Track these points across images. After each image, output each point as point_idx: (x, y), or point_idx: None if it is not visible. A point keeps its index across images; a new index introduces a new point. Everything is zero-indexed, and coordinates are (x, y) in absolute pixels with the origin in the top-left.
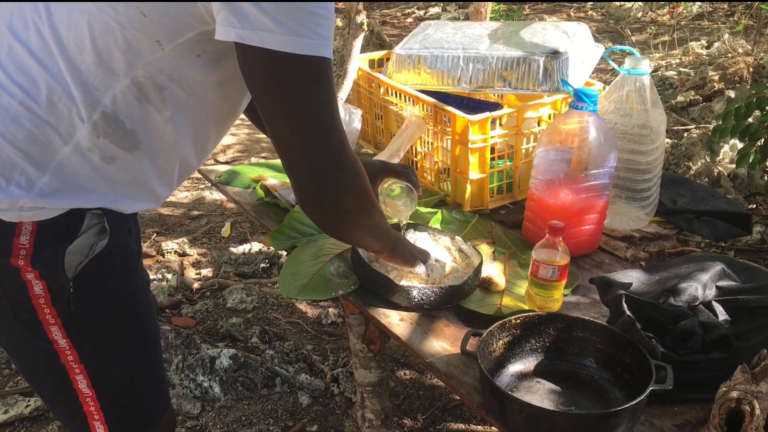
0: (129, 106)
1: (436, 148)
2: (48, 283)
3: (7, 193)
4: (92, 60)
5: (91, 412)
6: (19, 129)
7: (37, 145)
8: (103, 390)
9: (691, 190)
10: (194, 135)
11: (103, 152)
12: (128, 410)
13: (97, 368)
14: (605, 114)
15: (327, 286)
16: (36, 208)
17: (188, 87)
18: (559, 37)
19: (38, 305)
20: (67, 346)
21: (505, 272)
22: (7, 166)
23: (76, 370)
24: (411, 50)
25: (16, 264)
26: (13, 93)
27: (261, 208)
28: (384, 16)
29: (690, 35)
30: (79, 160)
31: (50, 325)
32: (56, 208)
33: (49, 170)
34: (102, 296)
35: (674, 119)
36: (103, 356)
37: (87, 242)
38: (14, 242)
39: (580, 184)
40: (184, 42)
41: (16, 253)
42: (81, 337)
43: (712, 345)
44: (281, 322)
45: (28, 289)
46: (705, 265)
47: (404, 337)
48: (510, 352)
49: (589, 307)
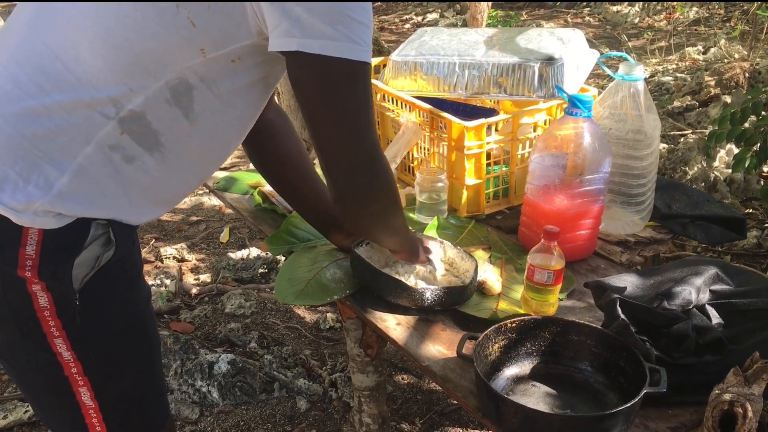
0: (158, 107)
1: (433, 154)
2: (54, 296)
3: (25, 193)
4: (130, 61)
5: (93, 424)
6: (40, 129)
7: (59, 146)
8: (106, 402)
9: (685, 195)
10: (215, 140)
11: (124, 150)
12: (130, 422)
13: (100, 380)
14: (600, 120)
15: (323, 291)
16: (50, 214)
17: (217, 89)
18: (554, 43)
19: (43, 317)
20: (71, 358)
21: (501, 277)
22: (28, 166)
23: (79, 382)
24: (407, 57)
25: (23, 275)
26: (33, 94)
27: (258, 214)
28: (382, 22)
29: (686, 41)
30: (100, 159)
31: (55, 337)
32: (69, 215)
33: (68, 171)
34: (107, 308)
35: (671, 124)
36: (107, 368)
37: (93, 254)
38: (20, 253)
39: (576, 189)
40: (226, 51)
41: (23, 264)
42: (86, 349)
43: (706, 348)
44: (279, 327)
45: (33, 302)
46: (699, 269)
47: (401, 341)
48: (506, 356)
49: (585, 311)
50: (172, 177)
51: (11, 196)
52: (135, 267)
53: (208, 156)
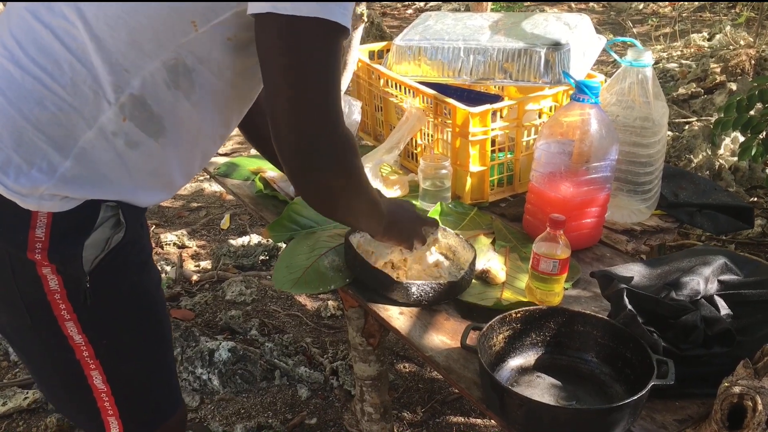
0: (157, 91)
1: (437, 141)
2: (64, 278)
3: (29, 178)
4: (124, 40)
5: (105, 408)
6: (43, 112)
7: (61, 129)
8: (117, 385)
9: (692, 183)
10: (217, 121)
11: (127, 136)
12: (142, 405)
13: (112, 364)
14: (607, 106)
15: (320, 279)
16: (56, 197)
17: (217, 70)
18: (560, 28)
19: (53, 300)
20: (82, 341)
21: (505, 265)
22: (30, 150)
23: (91, 365)
24: (411, 41)
25: (33, 258)
26: (36, 75)
27: (260, 200)
28: (384, 7)
29: (692, 27)
30: (102, 144)
31: (65, 320)
32: (75, 198)
33: (71, 155)
34: (117, 291)
35: (676, 112)
36: (119, 351)
37: (103, 236)
38: (30, 235)
39: (582, 177)
40: (218, 24)
41: (32, 246)
42: (97, 332)
43: (714, 340)
44: (280, 314)
45: (43, 285)
46: (707, 259)
47: (404, 330)
48: (510, 346)
49: (590, 301)
50: (177, 160)
51: (15, 180)
52: (145, 250)
53: (211, 137)
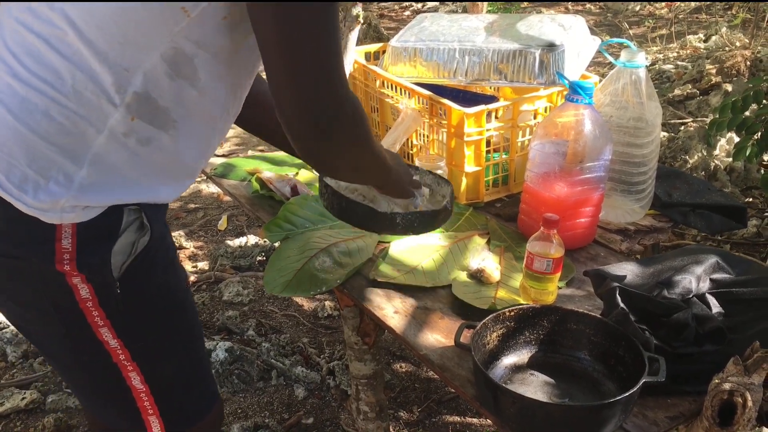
0: (160, 84)
1: (432, 141)
2: (94, 286)
3: (47, 192)
4: (117, 40)
5: (146, 407)
6: (51, 124)
7: (72, 138)
8: (156, 384)
9: (686, 183)
10: (225, 100)
11: (138, 134)
12: (181, 401)
13: (148, 364)
14: (601, 107)
15: (311, 282)
16: (77, 208)
17: (217, 52)
18: (555, 29)
19: (86, 308)
20: (118, 345)
21: (500, 265)
22: (44, 163)
23: (128, 367)
24: (407, 43)
25: (62, 269)
26: (38, 87)
27: (256, 200)
28: (382, 8)
29: (688, 28)
30: (115, 147)
31: (99, 327)
32: (96, 206)
33: (86, 163)
34: (148, 293)
35: (671, 113)
36: (154, 351)
37: (129, 240)
38: (56, 247)
39: (576, 177)
40: (208, 6)
41: (60, 257)
42: (131, 335)
43: (706, 337)
44: (277, 315)
45: (74, 294)
46: (699, 258)
47: (398, 329)
48: (504, 345)
49: (584, 300)
50: (190, 149)
51: (34, 196)
52: (170, 250)
53: (221, 116)
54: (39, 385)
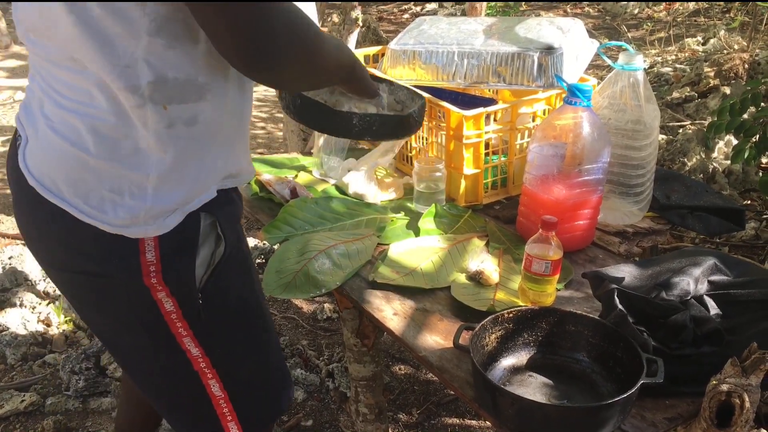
0: (167, 60)
1: (431, 143)
2: (178, 299)
3: (125, 207)
4: (102, 47)
5: (224, 414)
6: (103, 141)
7: (126, 150)
8: (234, 390)
9: (684, 186)
10: None
11: (180, 118)
12: (258, 405)
13: (227, 370)
14: (599, 109)
15: (311, 284)
16: (159, 219)
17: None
18: (553, 32)
19: (170, 321)
20: (199, 354)
21: (499, 267)
22: (114, 181)
23: (208, 374)
24: (406, 46)
25: (148, 282)
26: (78, 111)
27: (255, 203)
28: (381, 12)
29: (686, 31)
30: (167, 142)
31: (183, 337)
32: (175, 210)
33: (150, 167)
34: (226, 301)
35: (670, 115)
36: (232, 357)
37: (208, 252)
38: (141, 260)
39: (574, 180)
40: None
41: (147, 271)
42: (211, 342)
43: (704, 339)
44: (277, 317)
45: (159, 308)
46: (697, 260)
47: (398, 331)
48: (503, 346)
49: (582, 302)
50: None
51: (114, 214)
52: (246, 258)
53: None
54: (38, 388)
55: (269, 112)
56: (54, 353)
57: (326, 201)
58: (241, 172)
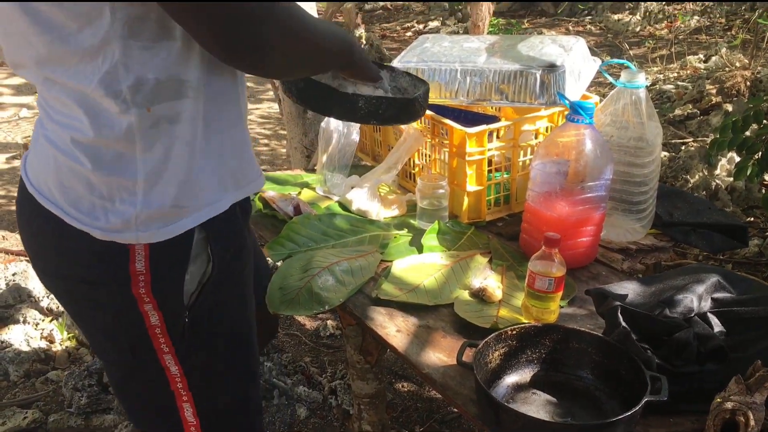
0: (142, 61)
1: (434, 161)
2: (164, 314)
3: (116, 213)
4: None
5: None
6: (87, 152)
7: (113, 156)
8: (206, 419)
9: (687, 203)
10: None
11: (164, 116)
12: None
13: (203, 397)
14: (601, 127)
15: (314, 300)
16: (150, 225)
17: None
18: (555, 50)
19: (154, 335)
20: (178, 373)
21: (502, 284)
22: (103, 188)
23: (184, 397)
24: (409, 63)
25: (137, 293)
26: (65, 123)
27: (259, 219)
28: (384, 29)
29: (688, 49)
30: (154, 143)
31: (164, 353)
32: (165, 213)
33: (138, 172)
34: (213, 324)
35: (672, 132)
36: (210, 385)
37: (199, 270)
38: (131, 269)
39: (577, 197)
40: None
41: (136, 281)
42: (191, 365)
43: (708, 356)
44: (279, 333)
45: (144, 320)
46: (700, 277)
47: (401, 348)
48: (506, 363)
49: (586, 319)
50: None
51: (106, 220)
52: (243, 287)
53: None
54: (41, 405)
55: (273, 129)
56: (57, 370)
57: (329, 218)
58: (243, 178)
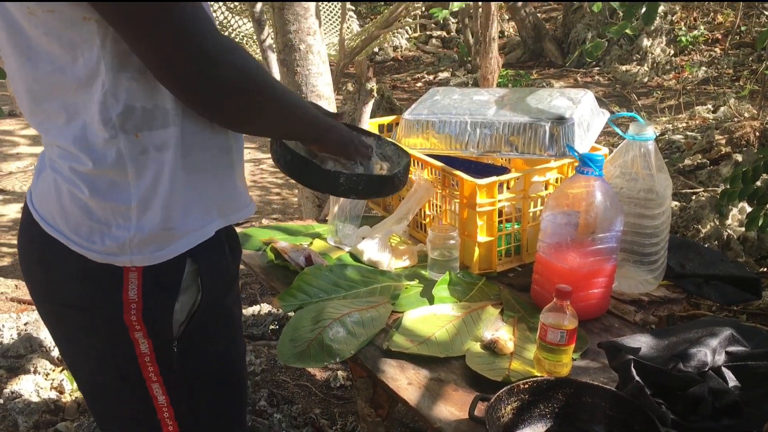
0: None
1: (445, 211)
2: (154, 342)
3: (112, 237)
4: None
5: None
6: (84, 180)
7: (107, 183)
8: None
9: (698, 254)
10: None
11: (153, 144)
12: None
13: (188, 427)
14: (611, 178)
15: (325, 352)
16: (143, 248)
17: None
18: (564, 103)
19: (143, 363)
20: (165, 402)
21: (513, 336)
22: (100, 213)
23: (169, 427)
24: (420, 116)
25: (128, 320)
26: (61, 155)
27: (270, 270)
28: (395, 80)
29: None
30: (144, 169)
31: (152, 382)
32: (159, 236)
33: (132, 197)
34: (201, 356)
35: (682, 182)
36: (196, 416)
37: (189, 299)
38: (124, 297)
39: (588, 248)
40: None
41: (128, 308)
42: (178, 396)
43: (723, 411)
44: (290, 384)
45: (134, 348)
46: (714, 330)
47: (412, 401)
48: (519, 418)
49: (599, 372)
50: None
51: (102, 243)
52: (233, 322)
53: None
54: None
55: (284, 178)
56: (66, 421)
57: (341, 268)
58: (233, 204)
